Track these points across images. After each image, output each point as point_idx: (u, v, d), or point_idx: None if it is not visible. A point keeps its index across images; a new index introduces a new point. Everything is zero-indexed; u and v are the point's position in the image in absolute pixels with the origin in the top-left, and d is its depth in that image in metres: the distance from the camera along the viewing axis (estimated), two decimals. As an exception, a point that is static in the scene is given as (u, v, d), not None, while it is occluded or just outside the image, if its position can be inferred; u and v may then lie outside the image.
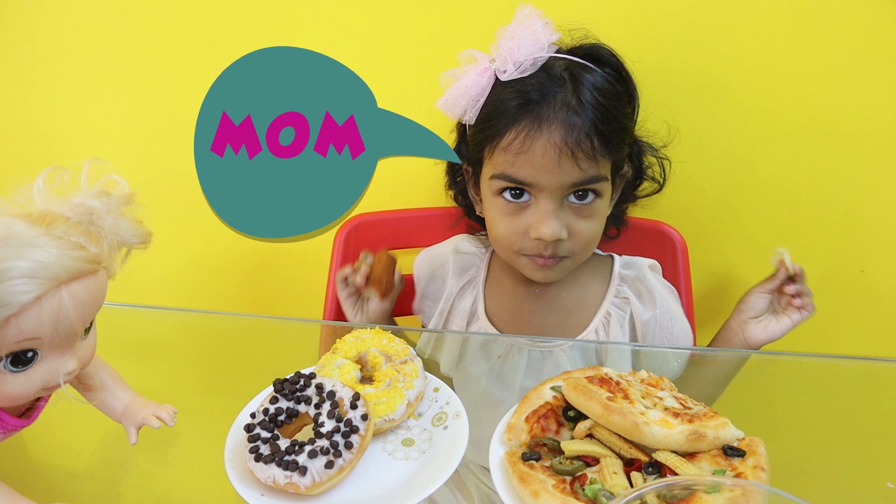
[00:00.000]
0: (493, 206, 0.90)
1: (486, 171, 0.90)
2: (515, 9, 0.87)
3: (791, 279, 0.91)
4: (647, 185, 1.00)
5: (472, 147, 0.92)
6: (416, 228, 1.14)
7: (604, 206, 0.90)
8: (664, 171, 1.00)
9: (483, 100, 0.87)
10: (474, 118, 0.87)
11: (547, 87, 0.84)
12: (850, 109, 1.02)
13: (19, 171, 0.55)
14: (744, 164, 1.08)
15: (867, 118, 1.01)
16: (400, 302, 1.08)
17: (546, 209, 0.85)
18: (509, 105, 0.84)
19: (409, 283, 1.09)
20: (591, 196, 0.87)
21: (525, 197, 0.87)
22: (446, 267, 1.05)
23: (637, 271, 0.99)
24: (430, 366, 0.75)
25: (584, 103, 0.83)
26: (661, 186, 1.00)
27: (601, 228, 0.91)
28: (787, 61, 1.02)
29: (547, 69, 0.85)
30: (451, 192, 1.04)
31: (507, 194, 0.88)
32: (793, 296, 0.91)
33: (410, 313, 1.13)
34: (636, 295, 0.98)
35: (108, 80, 1.22)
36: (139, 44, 1.19)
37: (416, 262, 1.09)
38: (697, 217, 1.11)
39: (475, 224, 1.06)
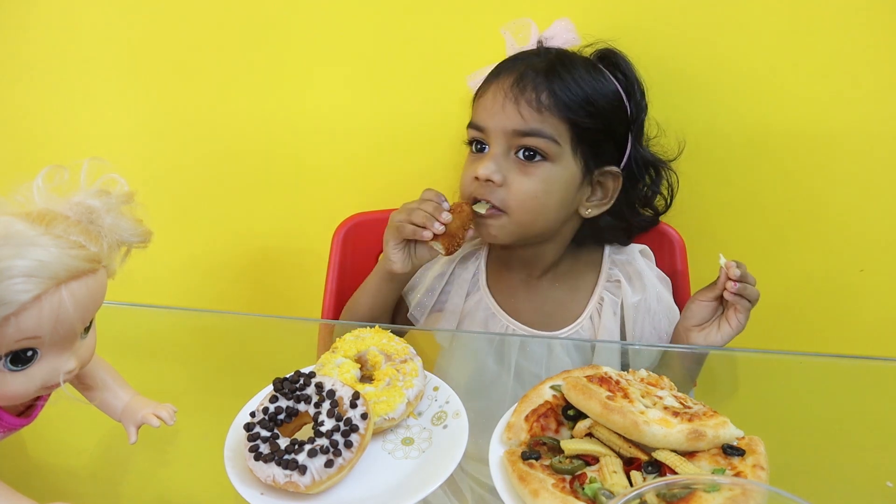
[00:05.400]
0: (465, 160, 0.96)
1: None
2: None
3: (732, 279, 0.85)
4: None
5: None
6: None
7: (554, 175, 0.89)
8: (672, 189, 1.00)
9: None
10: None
11: (529, 52, 0.93)
12: (850, 109, 1.02)
13: (19, 170, 0.54)
14: (744, 164, 1.08)
15: (867, 118, 1.01)
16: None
17: (491, 154, 0.90)
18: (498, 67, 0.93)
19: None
20: (538, 157, 0.89)
21: (486, 150, 0.92)
22: None
23: (627, 255, 1.02)
24: (426, 338, 0.74)
25: (550, 66, 0.89)
26: (669, 205, 1.01)
27: (547, 198, 0.90)
28: (788, 62, 1.02)
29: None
30: None
31: (473, 146, 0.94)
32: (734, 294, 0.85)
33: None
34: (626, 278, 0.99)
35: (108, 80, 1.22)
36: (139, 44, 1.19)
37: None
38: (697, 217, 1.11)
39: None
